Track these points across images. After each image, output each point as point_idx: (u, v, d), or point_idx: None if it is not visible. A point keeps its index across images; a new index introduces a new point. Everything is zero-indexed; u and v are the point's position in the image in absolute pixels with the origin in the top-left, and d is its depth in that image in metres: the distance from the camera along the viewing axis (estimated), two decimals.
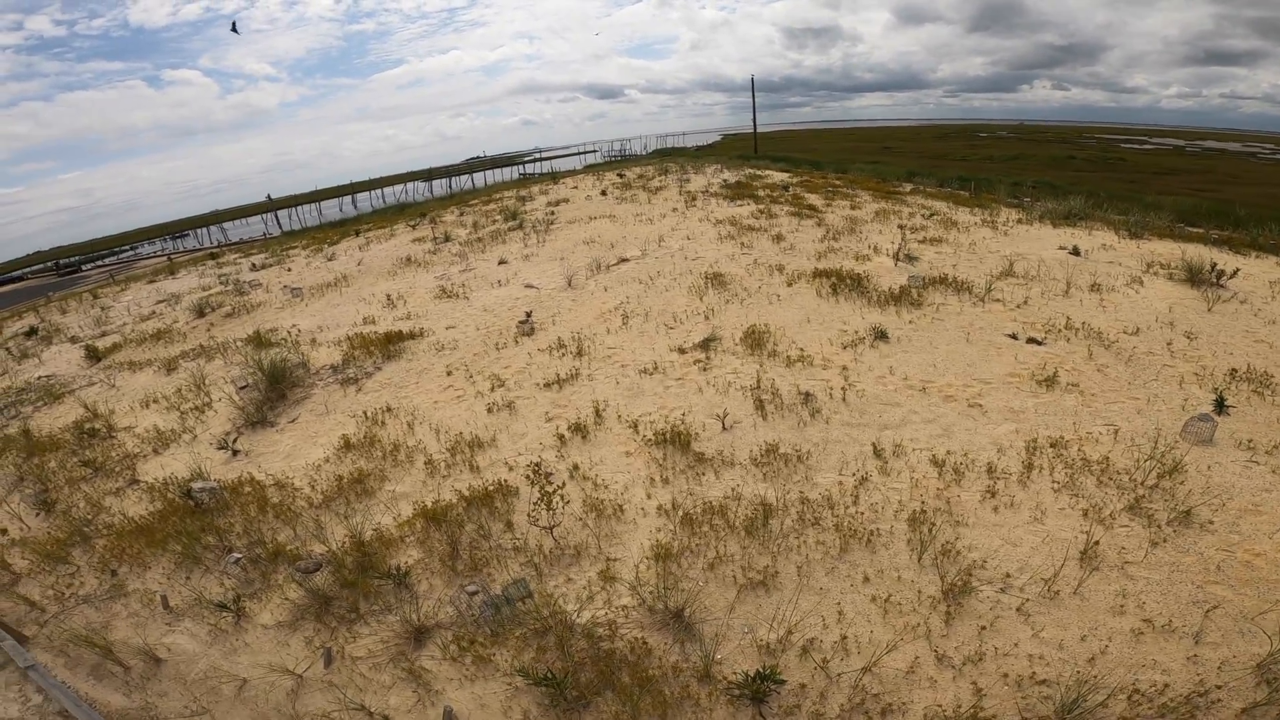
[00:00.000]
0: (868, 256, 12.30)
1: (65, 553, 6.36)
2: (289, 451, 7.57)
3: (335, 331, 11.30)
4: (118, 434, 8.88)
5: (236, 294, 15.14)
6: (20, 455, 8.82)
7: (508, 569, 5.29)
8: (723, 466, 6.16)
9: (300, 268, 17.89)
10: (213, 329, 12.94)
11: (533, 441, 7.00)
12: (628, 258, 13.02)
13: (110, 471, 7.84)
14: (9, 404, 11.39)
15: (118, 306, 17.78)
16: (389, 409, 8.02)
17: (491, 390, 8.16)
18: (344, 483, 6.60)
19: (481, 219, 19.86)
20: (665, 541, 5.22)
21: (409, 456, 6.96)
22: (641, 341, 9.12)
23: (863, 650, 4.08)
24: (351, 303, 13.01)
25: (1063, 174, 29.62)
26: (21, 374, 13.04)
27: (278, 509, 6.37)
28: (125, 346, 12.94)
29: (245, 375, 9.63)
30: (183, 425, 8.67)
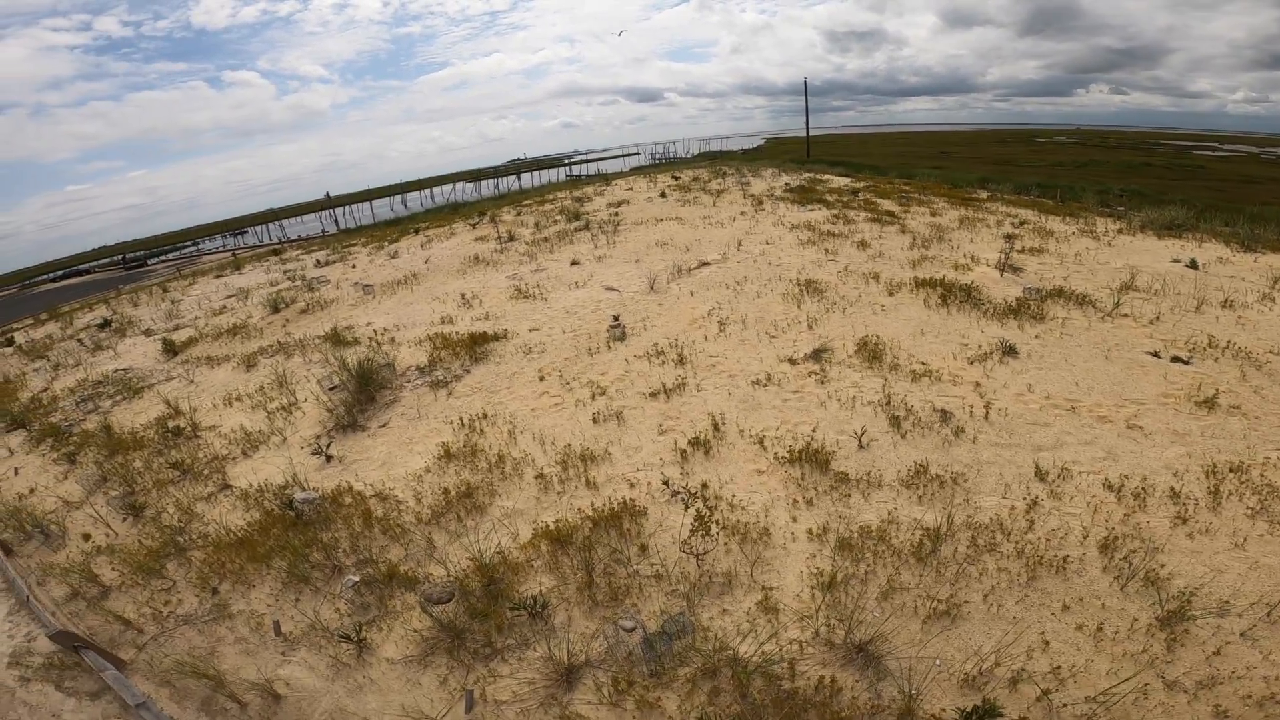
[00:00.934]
0: (967, 266, 11.52)
1: (159, 565, 6.02)
2: (384, 459, 7.16)
3: (413, 330, 10.96)
4: (203, 433, 8.62)
5: (307, 290, 15.00)
6: (102, 452, 8.64)
7: (651, 599, 4.77)
8: (870, 488, 5.68)
9: (364, 265, 17.74)
10: (288, 325, 12.75)
11: (649, 456, 6.48)
12: (707, 261, 12.45)
13: (199, 475, 7.55)
14: (87, 397, 11.30)
15: (188, 300, 17.85)
16: (485, 415, 7.58)
17: (593, 399, 7.65)
18: (451, 497, 6.16)
19: (542, 219, 19.51)
20: (825, 569, 4.78)
21: (516, 469, 6.49)
22: (745, 350, 8.54)
23: (1079, 679, 3.78)
24: (425, 301, 12.69)
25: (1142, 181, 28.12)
26: (98, 366, 13.02)
27: (384, 524, 5.95)
28: (201, 341, 12.83)
29: (331, 375, 9.32)
30: (270, 426, 8.35)
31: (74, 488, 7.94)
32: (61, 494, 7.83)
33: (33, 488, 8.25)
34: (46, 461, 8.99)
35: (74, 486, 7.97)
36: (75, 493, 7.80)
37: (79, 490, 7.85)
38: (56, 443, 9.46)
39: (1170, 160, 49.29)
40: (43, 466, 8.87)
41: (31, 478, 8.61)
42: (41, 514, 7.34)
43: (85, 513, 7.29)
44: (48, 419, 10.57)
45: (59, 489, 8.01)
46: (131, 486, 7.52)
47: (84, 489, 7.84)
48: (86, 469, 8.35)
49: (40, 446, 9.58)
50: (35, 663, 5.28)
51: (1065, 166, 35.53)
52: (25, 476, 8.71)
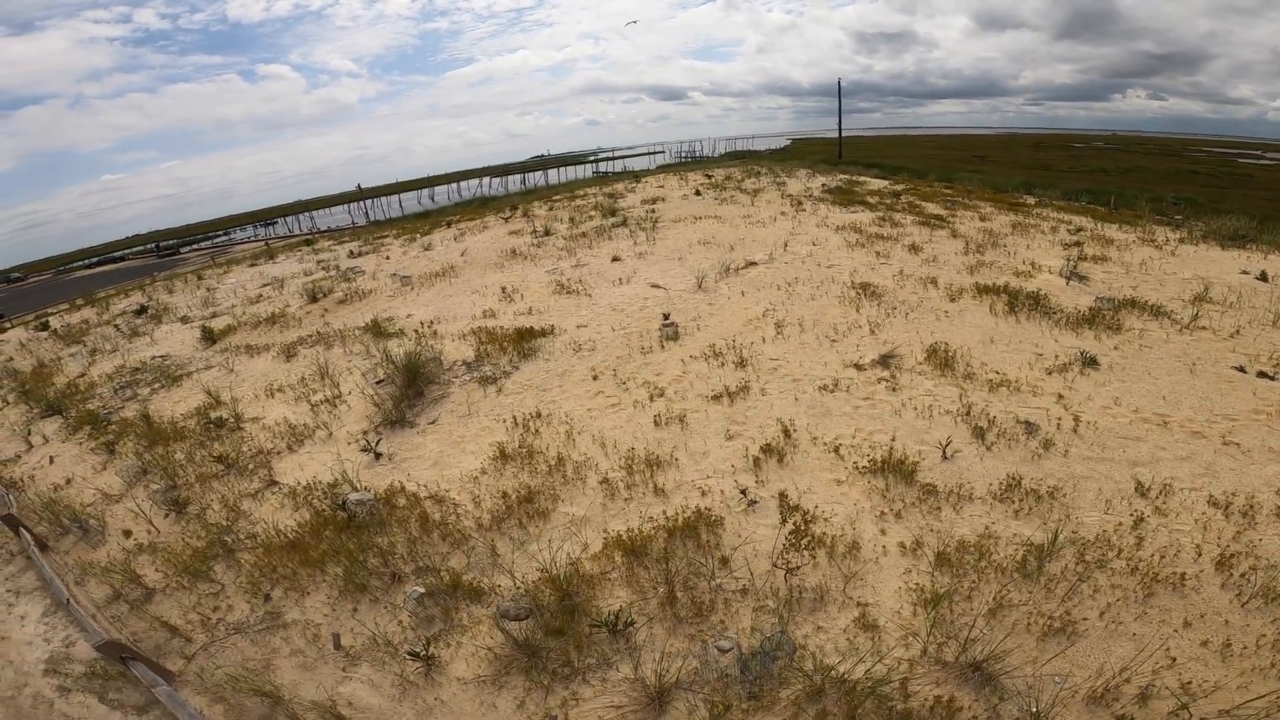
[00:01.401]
0: (1029, 273, 11.09)
1: (206, 567, 5.75)
2: (436, 458, 6.89)
3: (455, 324, 10.73)
4: (246, 425, 8.42)
5: (343, 280, 14.87)
6: (141, 443, 8.44)
7: (739, 615, 4.49)
8: (961, 501, 5.39)
9: (398, 256, 17.60)
10: (327, 315, 12.60)
11: (718, 462, 6.18)
12: (755, 261, 12.11)
13: (244, 469, 7.32)
14: (125, 384, 11.18)
15: (223, 288, 17.82)
16: (539, 415, 7.30)
17: (651, 400, 7.35)
18: (511, 501, 5.89)
19: (576, 214, 19.27)
20: (924, 584, 4.53)
21: (578, 473, 6.20)
22: (806, 354, 8.20)
23: (1211, 696, 3.65)
24: (464, 294, 12.47)
25: (1189, 189, 27.24)
26: (134, 352, 12.95)
27: (442, 529, 5.69)
28: (239, 329, 12.71)
29: (376, 368, 9.10)
30: (315, 420, 8.14)
31: (113, 479, 7.76)
32: (100, 486, 7.64)
33: (69, 478, 8.08)
34: (84, 450, 8.83)
35: (113, 478, 7.79)
36: (115, 485, 7.61)
37: (119, 483, 7.65)
38: (94, 431, 9.29)
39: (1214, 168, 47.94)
40: (79, 455, 8.72)
41: (68, 467, 8.44)
42: (79, 507, 7.14)
43: (125, 507, 7.07)
44: (84, 406, 10.46)
45: (97, 480, 7.83)
46: (174, 480, 7.31)
47: (124, 481, 7.65)
48: (126, 460, 8.15)
49: (77, 434, 9.43)
50: (75, 671, 5.04)
51: (1109, 173, 34.56)
52: (61, 466, 8.55)
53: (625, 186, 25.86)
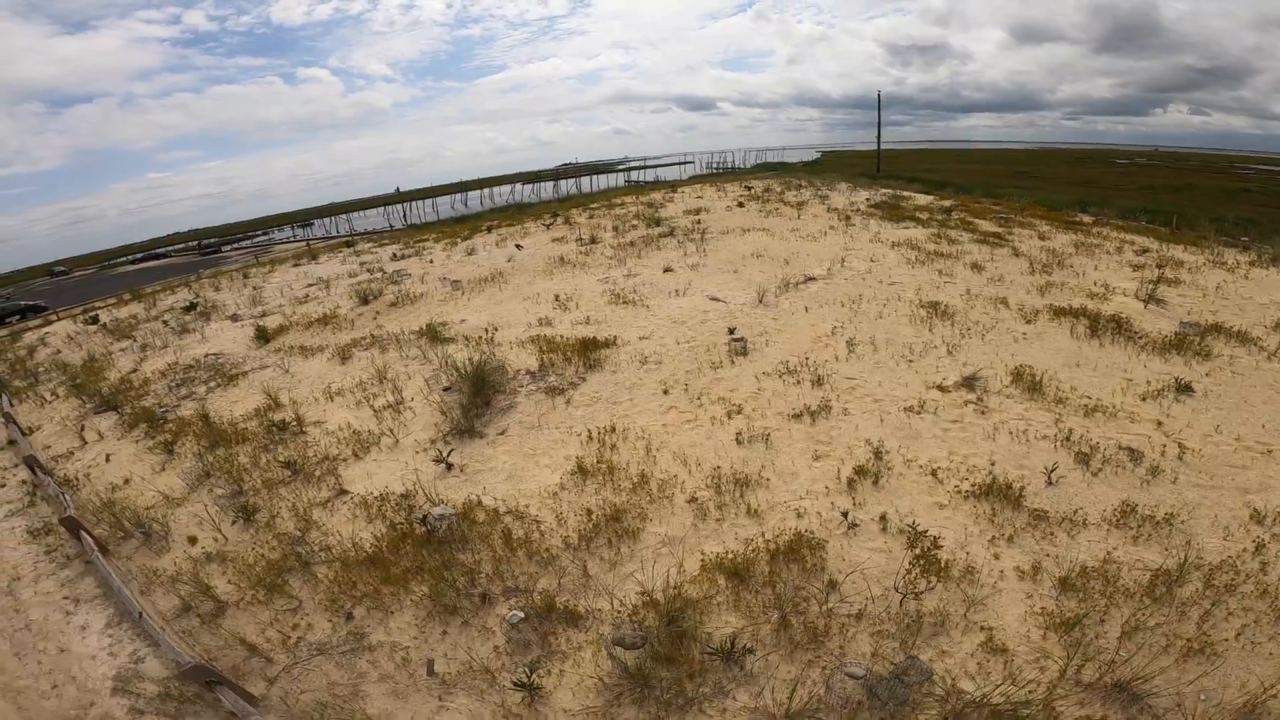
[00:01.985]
0: (1102, 295, 10.79)
1: (280, 580, 5.58)
2: (510, 471, 6.76)
3: (512, 331, 10.67)
4: (309, 429, 8.33)
5: (391, 283, 14.91)
6: (202, 443, 8.39)
7: (857, 641, 4.31)
8: (1074, 526, 5.27)
9: (441, 260, 17.67)
10: (379, 317, 12.62)
11: (809, 483, 6.01)
12: (813, 276, 11.94)
13: (311, 476, 7.20)
14: (180, 382, 11.22)
15: (269, 287, 18.00)
16: (613, 429, 7.17)
17: (729, 417, 7.19)
18: (597, 519, 5.73)
19: (618, 223, 19.24)
20: (1049, 608, 4.46)
21: (663, 491, 6.05)
22: (883, 374, 8.00)
23: None
24: (516, 300, 12.42)
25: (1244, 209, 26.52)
26: (187, 349, 13.06)
27: (527, 547, 5.54)
28: (292, 329, 12.77)
29: (438, 374, 9.03)
30: (379, 426, 8.06)
31: (174, 481, 7.70)
32: (161, 487, 7.58)
33: (127, 477, 8.06)
34: (141, 449, 8.83)
35: (174, 480, 7.74)
36: (176, 487, 7.55)
37: (180, 485, 7.59)
38: (151, 429, 9.31)
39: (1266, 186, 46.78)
40: (136, 454, 8.72)
41: (125, 466, 8.44)
42: (140, 509, 7.05)
43: (189, 511, 6.98)
44: (139, 402, 10.50)
45: (157, 481, 7.78)
46: (239, 484, 7.23)
47: (186, 484, 7.57)
48: (186, 461, 8.11)
49: (133, 432, 9.44)
50: (148, 691, 4.82)
51: (1158, 190, 33.79)
52: (118, 464, 8.55)
53: (663, 196, 25.83)
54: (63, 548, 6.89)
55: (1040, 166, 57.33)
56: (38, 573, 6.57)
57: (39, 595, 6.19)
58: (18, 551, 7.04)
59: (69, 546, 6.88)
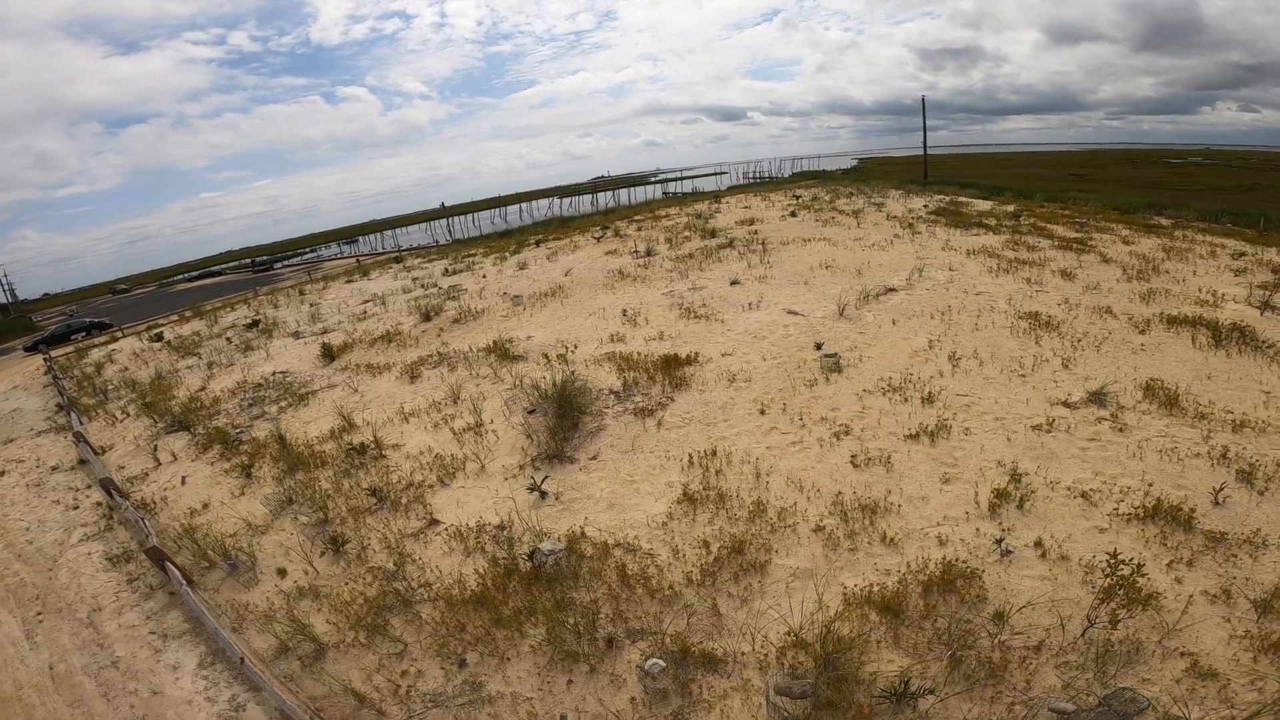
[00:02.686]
0: (1212, 302, 10.13)
1: (382, 620, 5.26)
2: (610, 499, 6.44)
3: (583, 348, 10.43)
4: (387, 452, 8.10)
5: (449, 299, 14.86)
6: (279, 467, 8.26)
7: (1040, 674, 3.96)
8: (1256, 548, 4.85)
9: (493, 274, 17.63)
10: (443, 334, 12.52)
11: (944, 509, 5.63)
12: (893, 287, 11.49)
13: (398, 504, 6.94)
14: (251, 401, 11.19)
15: (325, 303, 18.18)
16: (713, 452, 6.80)
17: (837, 439, 6.80)
18: (717, 552, 5.37)
19: (670, 235, 18.99)
20: (1253, 631, 4.14)
21: (783, 519, 5.69)
22: (997, 390, 7.53)
23: None
24: (580, 315, 12.20)
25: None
26: (253, 367, 13.12)
27: (645, 583, 5.21)
28: (356, 346, 12.75)
29: (517, 394, 8.80)
30: (461, 450, 7.81)
31: (255, 507, 7.53)
32: (242, 514, 7.42)
33: (206, 502, 7.96)
34: (216, 472, 8.76)
35: (255, 505, 7.58)
36: (257, 514, 7.37)
37: (262, 511, 7.41)
38: (226, 450, 9.25)
39: None
40: (213, 477, 8.64)
41: (202, 489, 8.35)
42: (222, 537, 6.90)
43: (274, 540, 6.78)
44: (211, 422, 10.50)
45: (238, 507, 7.64)
46: (324, 512, 7.00)
47: (268, 510, 7.40)
48: (265, 485, 7.97)
49: (207, 453, 9.38)
50: None
51: (1228, 191, 32.40)
52: (195, 487, 8.46)
53: (709, 206, 25.57)
54: (145, 576, 6.77)
55: (1093, 168, 55.64)
56: (120, 603, 6.45)
57: (124, 629, 6.04)
58: (97, 580, 6.95)
59: (151, 576, 6.76)
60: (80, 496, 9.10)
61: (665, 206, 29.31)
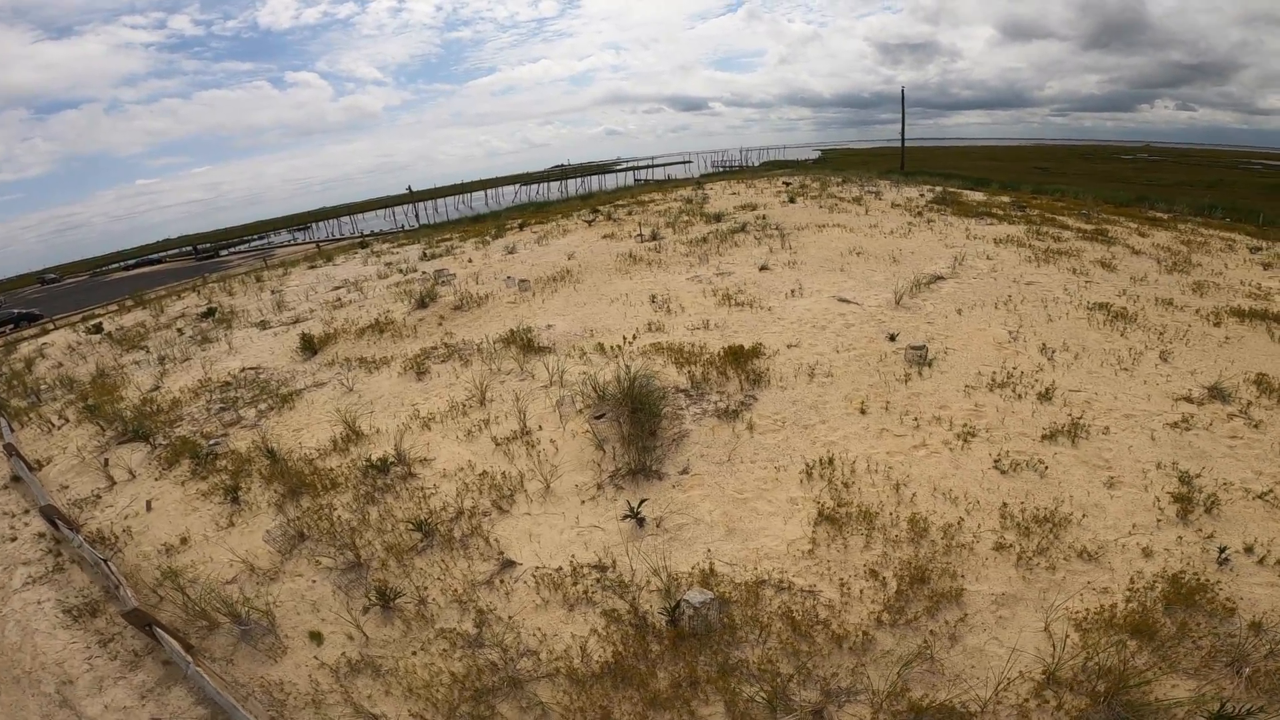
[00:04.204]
0: (1264, 295, 10.17)
1: (488, 710, 4.06)
2: (725, 523, 5.51)
3: (613, 337, 9.42)
4: (417, 469, 6.83)
5: (440, 284, 13.44)
6: (276, 489, 6.81)
7: None
8: None
9: (479, 259, 16.30)
10: (445, 323, 11.23)
11: (1126, 516, 5.21)
12: (941, 276, 11.05)
13: (450, 539, 5.65)
14: (222, 405, 9.48)
15: (290, 290, 16.35)
16: (830, 461, 5.98)
17: (963, 441, 6.20)
18: (895, 582, 4.62)
19: (669, 220, 18.04)
20: None
21: (951, 537, 4.99)
22: (1107, 385, 7.21)
23: None
24: (600, 302, 11.17)
25: None
26: (216, 363, 11.45)
27: (825, 630, 4.34)
28: (340, 338, 11.28)
29: (564, 391, 7.71)
30: (512, 465, 6.63)
31: (254, 543, 6.09)
32: (238, 552, 5.97)
33: (183, 535, 6.48)
34: (191, 495, 7.25)
35: (253, 541, 6.13)
36: (259, 553, 5.94)
37: (265, 550, 5.96)
38: (198, 467, 7.71)
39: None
40: (186, 502, 7.14)
41: (175, 518, 6.84)
42: (217, 584, 5.49)
43: (292, 590, 5.40)
44: (173, 430, 8.89)
45: (229, 542, 6.18)
46: (354, 552, 5.64)
47: (274, 548, 5.95)
48: (261, 514, 6.52)
49: (174, 470, 7.83)
50: None
51: (1195, 186, 34.38)
52: (166, 515, 6.93)
53: (694, 192, 24.76)
54: (121, 637, 5.30)
55: (1054, 163, 58.33)
56: (97, 674, 5.01)
57: (113, 712, 4.63)
58: (57, 640, 5.44)
59: (129, 636, 5.29)
60: (17, 525, 7.44)
61: (646, 192, 28.35)
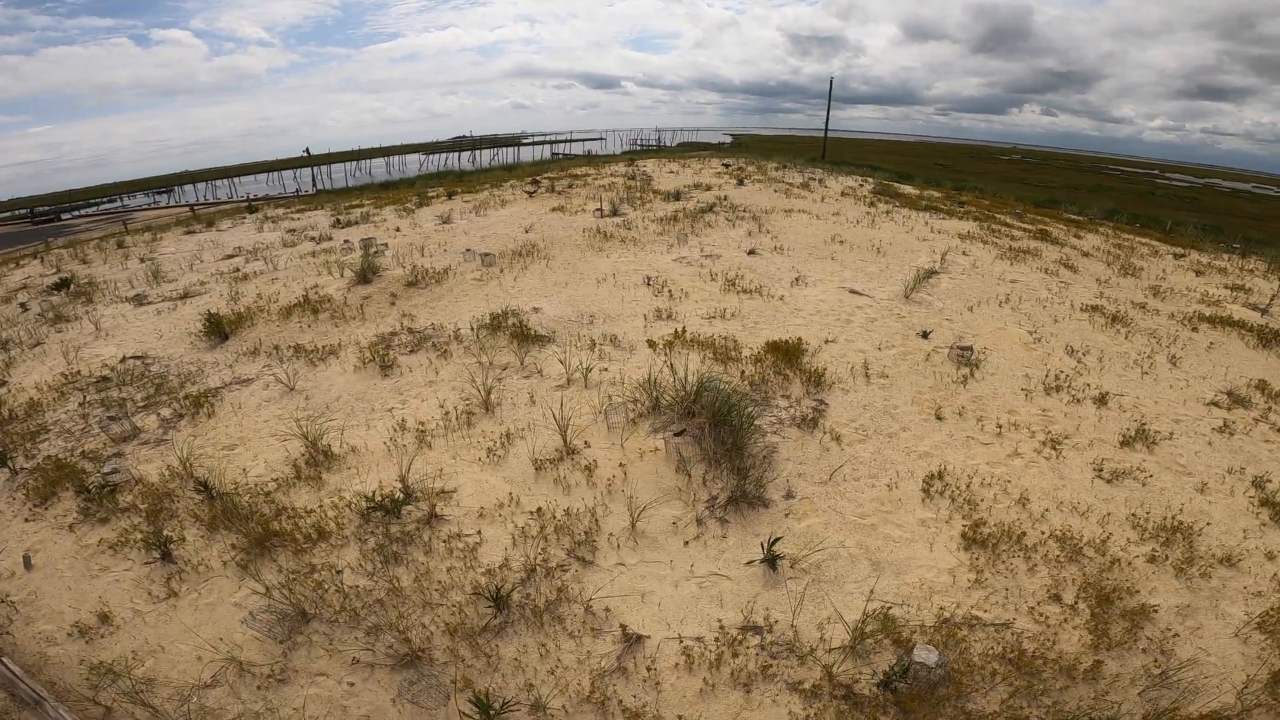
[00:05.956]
0: (1215, 302, 11.31)
1: None
2: (863, 555, 4.85)
3: (618, 325, 8.59)
4: (438, 508, 5.30)
5: (375, 255, 11.60)
6: (227, 541, 5.01)
7: None
8: None
9: (407, 229, 14.47)
10: (399, 302, 9.67)
11: (1231, 519, 5.41)
12: (933, 270, 11.21)
13: (536, 611, 4.33)
14: (107, 411, 7.21)
15: (165, 259, 13.47)
16: (940, 475, 5.63)
17: (1055, 450, 6.27)
18: (1081, 607, 4.37)
19: (624, 195, 17.13)
20: None
21: (1102, 552, 4.94)
22: (1139, 389, 7.67)
23: None
24: (585, 283, 10.23)
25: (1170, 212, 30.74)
26: (82, 349, 9.07)
27: (1050, 664, 3.92)
28: (260, 318, 9.37)
29: (622, 405, 6.60)
30: (568, 497, 5.41)
31: (222, 623, 4.34)
32: (203, 636, 4.25)
33: (101, 611, 4.57)
34: (88, 545, 5.24)
35: (219, 620, 4.37)
36: (239, 638, 4.21)
37: (248, 635, 4.23)
38: (90, 504, 5.63)
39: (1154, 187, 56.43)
40: (84, 556, 5.14)
41: (73, 581, 4.88)
42: (192, 688, 3.87)
43: (318, 697, 3.83)
44: (35, 445, 6.65)
45: (181, 620, 4.41)
46: (401, 634, 4.14)
47: (263, 633, 4.23)
48: (219, 579, 4.68)
49: (52, 508, 5.72)
50: None
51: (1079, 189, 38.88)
52: (56, 577, 4.93)
53: (631, 169, 23.89)
54: None
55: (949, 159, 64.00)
56: None
57: None
58: None
59: None
60: None
61: (575, 166, 27.03)
